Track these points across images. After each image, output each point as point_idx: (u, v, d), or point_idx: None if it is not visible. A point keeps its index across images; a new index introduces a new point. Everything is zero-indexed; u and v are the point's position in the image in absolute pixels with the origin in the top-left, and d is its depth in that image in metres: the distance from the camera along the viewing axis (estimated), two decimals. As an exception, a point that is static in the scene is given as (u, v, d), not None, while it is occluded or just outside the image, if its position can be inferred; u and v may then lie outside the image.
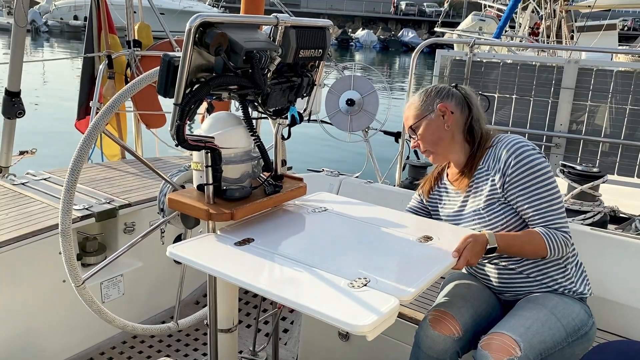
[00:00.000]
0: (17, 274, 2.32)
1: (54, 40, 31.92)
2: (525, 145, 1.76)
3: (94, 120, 1.61)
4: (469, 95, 1.90)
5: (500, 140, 1.81)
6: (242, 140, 1.62)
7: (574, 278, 1.81)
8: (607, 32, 12.38)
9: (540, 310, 1.68)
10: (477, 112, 1.88)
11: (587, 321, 1.74)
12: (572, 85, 3.56)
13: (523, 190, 1.73)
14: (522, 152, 1.73)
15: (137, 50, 3.87)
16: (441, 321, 1.69)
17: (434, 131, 1.86)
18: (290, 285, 1.30)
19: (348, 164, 5.47)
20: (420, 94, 1.92)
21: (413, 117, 1.90)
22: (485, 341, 1.59)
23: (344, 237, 1.62)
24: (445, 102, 1.86)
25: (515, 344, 1.54)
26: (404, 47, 40.95)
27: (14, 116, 3.15)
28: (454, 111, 1.86)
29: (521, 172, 1.72)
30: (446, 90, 1.89)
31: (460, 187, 1.90)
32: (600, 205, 3.06)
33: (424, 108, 1.88)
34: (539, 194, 1.72)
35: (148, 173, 3.22)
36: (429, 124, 1.86)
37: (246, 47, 1.36)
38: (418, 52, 3.58)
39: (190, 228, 1.82)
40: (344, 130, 4.25)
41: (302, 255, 1.45)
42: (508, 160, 1.74)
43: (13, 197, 2.72)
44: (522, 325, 1.61)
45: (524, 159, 1.72)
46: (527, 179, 1.72)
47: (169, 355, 2.67)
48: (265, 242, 1.52)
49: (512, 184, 1.74)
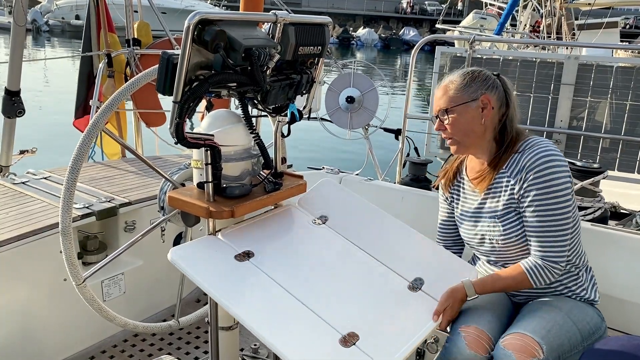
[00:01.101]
0: (18, 272, 2.32)
1: (55, 39, 31.92)
2: (552, 158, 1.64)
3: (94, 119, 1.61)
4: (509, 91, 1.77)
5: (528, 145, 1.70)
6: (242, 138, 1.62)
7: (585, 284, 1.80)
8: (608, 30, 12.34)
9: (558, 313, 1.66)
10: (513, 111, 1.76)
11: (600, 325, 1.74)
12: (573, 82, 3.55)
13: (533, 212, 1.66)
14: (546, 167, 1.63)
15: (136, 48, 3.86)
16: (477, 340, 1.62)
17: (469, 121, 1.73)
18: (283, 329, 1.35)
19: (348, 162, 5.46)
20: (465, 75, 1.75)
21: (450, 99, 1.73)
22: (507, 340, 1.56)
23: (340, 272, 1.63)
24: (490, 94, 1.72)
25: (538, 345, 1.52)
26: (405, 45, 40.89)
27: (14, 115, 3.15)
28: (494, 106, 1.73)
29: (538, 190, 1.64)
30: (492, 80, 1.74)
31: (479, 187, 1.81)
32: (601, 201, 3.06)
33: (467, 93, 1.72)
34: (547, 224, 1.65)
35: (148, 171, 3.22)
36: (466, 112, 1.72)
37: (245, 45, 1.36)
38: (418, 49, 3.58)
39: (190, 226, 1.82)
40: (344, 128, 4.24)
41: (299, 290, 1.48)
42: (529, 173, 1.65)
43: (13, 196, 2.72)
44: (543, 327, 1.59)
45: (545, 176, 1.63)
46: (541, 200, 1.64)
47: (170, 353, 2.68)
48: (264, 260, 1.53)
49: (526, 199, 1.67)
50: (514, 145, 1.73)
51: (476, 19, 17.84)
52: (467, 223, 1.86)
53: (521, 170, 1.67)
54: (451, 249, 1.98)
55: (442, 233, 2.01)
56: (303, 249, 1.67)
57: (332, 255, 1.70)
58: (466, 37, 3.82)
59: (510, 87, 1.78)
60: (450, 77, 1.78)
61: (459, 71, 1.78)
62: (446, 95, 1.74)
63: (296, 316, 1.40)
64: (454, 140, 1.78)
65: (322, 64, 1.77)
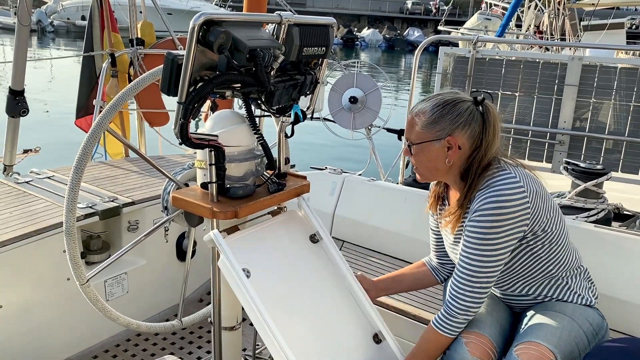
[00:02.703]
0: (22, 272, 2.33)
1: (61, 40, 31.95)
2: (497, 206, 1.53)
3: (98, 119, 1.61)
4: (489, 125, 1.62)
5: (488, 186, 1.59)
6: (246, 139, 1.62)
7: (576, 289, 1.76)
8: (614, 30, 12.28)
9: (563, 317, 1.65)
10: (487, 148, 1.62)
11: (602, 324, 1.72)
12: (576, 82, 3.54)
13: (461, 255, 1.62)
14: (486, 222, 1.55)
15: (140, 48, 3.87)
16: (480, 346, 1.60)
17: (432, 159, 1.65)
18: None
19: (351, 162, 5.47)
20: (434, 110, 1.62)
21: (415, 134, 1.66)
22: (521, 350, 1.53)
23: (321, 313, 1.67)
24: (458, 134, 1.60)
25: (552, 354, 1.50)
26: (409, 46, 40.86)
27: (18, 115, 3.16)
28: (462, 146, 1.61)
29: (467, 237, 1.60)
30: (466, 116, 1.60)
31: (449, 229, 1.76)
32: (604, 203, 3.05)
33: (432, 131, 1.62)
34: (464, 273, 1.60)
35: (152, 171, 3.22)
36: (429, 151, 1.64)
37: (249, 45, 1.36)
38: (421, 49, 3.57)
39: (194, 226, 1.82)
40: (347, 128, 4.24)
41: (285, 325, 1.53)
42: (472, 215, 1.59)
43: (17, 196, 2.73)
44: (553, 334, 1.57)
45: (479, 224, 1.56)
46: (468, 247, 1.60)
47: (173, 352, 2.68)
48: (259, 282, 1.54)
49: (463, 238, 1.63)
50: (475, 185, 1.62)
51: (480, 20, 17.81)
52: (450, 249, 1.85)
53: (471, 210, 1.61)
54: (445, 266, 1.98)
55: (437, 249, 1.98)
56: (297, 271, 1.69)
57: (317, 295, 1.72)
58: (470, 37, 3.81)
59: (494, 117, 1.63)
60: (421, 106, 1.66)
61: (432, 100, 1.65)
62: (413, 129, 1.66)
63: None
64: (418, 170, 1.73)
65: (326, 64, 1.77)
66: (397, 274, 2.02)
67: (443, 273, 1.99)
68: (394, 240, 2.77)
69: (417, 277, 2.01)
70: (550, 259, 1.71)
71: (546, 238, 1.66)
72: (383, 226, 2.82)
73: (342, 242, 2.93)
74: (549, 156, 3.74)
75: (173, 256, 3.02)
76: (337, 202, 3.00)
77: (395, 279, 2.00)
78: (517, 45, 8.26)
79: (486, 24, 16.93)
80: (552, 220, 1.67)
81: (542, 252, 1.68)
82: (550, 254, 1.70)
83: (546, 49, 6.59)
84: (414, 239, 2.67)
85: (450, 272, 1.99)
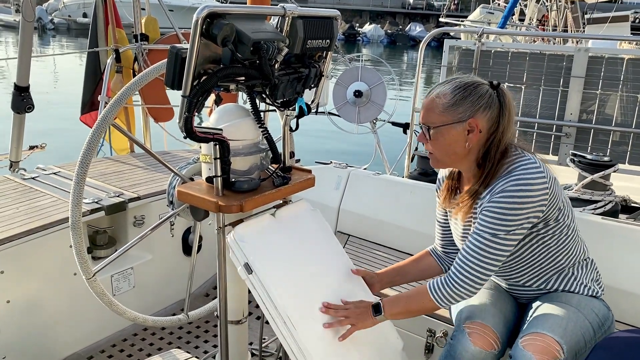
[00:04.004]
0: (29, 267, 2.34)
1: (62, 37, 31.98)
2: (521, 189, 1.53)
3: (103, 114, 1.61)
4: (505, 109, 1.61)
5: (506, 171, 1.58)
6: (251, 132, 1.62)
7: (582, 279, 1.76)
8: (619, 24, 12.21)
9: (569, 308, 1.64)
10: (503, 132, 1.61)
11: (608, 314, 1.72)
12: (582, 74, 3.52)
13: (476, 228, 1.60)
14: (507, 201, 1.54)
15: (144, 44, 3.87)
16: (482, 336, 1.59)
17: (451, 143, 1.61)
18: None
19: (356, 156, 5.46)
20: (455, 92, 1.59)
21: (435, 117, 1.61)
22: (527, 341, 1.52)
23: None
24: (479, 117, 1.58)
25: (558, 345, 1.50)
26: (411, 41, 40.65)
27: (23, 111, 3.16)
28: (482, 129, 1.60)
29: (485, 216, 1.57)
30: (486, 99, 1.59)
31: (459, 216, 1.74)
32: (611, 195, 3.03)
33: (454, 113, 1.59)
34: (476, 250, 1.58)
35: (157, 166, 3.23)
36: (450, 134, 1.60)
37: (253, 38, 1.36)
38: (426, 42, 3.55)
39: (199, 220, 1.82)
40: (352, 122, 4.23)
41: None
42: (493, 200, 1.57)
43: (24, 192, 2.74)
44: (559, 325, 1.56)
45: (500, 207, 1.54)
46: (485, 226, 1.57)
47: (179, 347, 2.69)
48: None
49: (479, 215, 1.61)
50: (495, 171, 1.61)
51: (483, 14, 17.72)
52: (459, 239, 1.83)
53: (494, 193, 1.59)
54: (450, 255, 1.98)
55: (442, 238, 1.97)
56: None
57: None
58: (475, 29, 3.79)
59: (509, 100, 1.63)
60: (440, 88, 1.63)
61: (452, 83, 1.62)
62: (432, 112, 1.62)
63: None
64: (433, 156, 1.69)
65: (330, 57, 1.76)
66: (401, 265, 2.01)
67: (448, 262, 1.98)
68: (400, 234, 2.77)
69: (422, 268, 2.00)
70: (560, 250, 1.70)
71: (557, 228, 1.66)
72: (389, 220, 2.82)
73: (348, 236, 2.92)
74: (555, 148, 3.72)
75: (179, 251, 3.03)
76: (342, 196, 2.99)
77: (400, 271, 1.99)
78: (520, 38, 8.20)
79: (489, 18, 16.84)
80: (563, 211, 1.66)
81: (552, 242, 1.68)
82: (560, 244, 1.69)
83: (549, 42, 6.54)
84: (420, 232, 2.66)
85: None
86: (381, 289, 1.95)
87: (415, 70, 3.80)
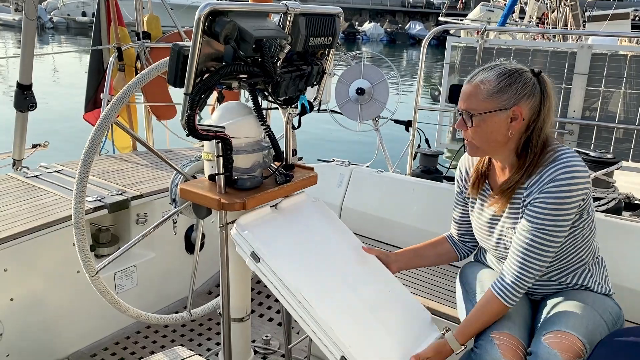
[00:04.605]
0: (32, 265, 2.34)
1: (61, 36, 31.95)
2: (571, 176, 1.53)
3: (105, 112, 1.62)
4: (547, 98, 1.60)
5: (551, 159, 1.58)
6: (253, 130, 1.62)
7: (597, 278, 1.77)
8: (620, 21, 12.17)
9: (585, 307, 1.63)
10: (545, 120, 1.60)
11: (619, 314, 1.72)
12: (586, 71, 3.51)
13: (528, 227, 1.59)
14: (565, 188, 1.53)
15: (146, 42, 3.87)
16: (512, 348, 1.55)
17: (494, 130, 1.59)
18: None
19: (359, 154, 5.45)
20: (501, 78, 1.57)
21: (479, 103, 1.58)
22: (550, 339, 1.51)
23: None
24: (523, 104, 1.57)
25: (582, 344, 1.49)
26: (411, 39, 40.51)
27: (26, 109, 3.16)
28: (525, 117, 1.58)
29: (541, 209, 1.56)
30: (530, 87, 1.57)
31: (496, 207, 1.72)
32: (615, 192, 3.03)
33: (499, 100, 1.56)
34: (535, 244, 1.58)
35: (159, 164, 3.23)
36: (493, 121, 1.58)
37: (256, 36, 1.36)
38: (429, 39, 3.55)
39: (202, 218, 1.82)
40: (354, 120, 4.22)
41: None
42: (545, 190, 1.55)
43: (27, 190, 2.74)
44: (581, 324, 1.55)
45: (559, 196, 1.54)
46: (541, 220, 1.56)
47: (182, 344, 2.69)
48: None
49: (529, 209, 1.60)
50: (537, 160, 1.60)
51: (483, 12, 17.66)
52: (483, 228, 1.82)
53: (541, 182, 1.57)
54: (466, 244, 1.97)
55: (459, 227, 1.96)
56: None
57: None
58: (478, 27, 3.78)
59: (550, 89, 1.61)
60: (484, 74, 1.60)
61: (495, 69, 1.60)
62: (475, 98, 1.59)
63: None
64: (472, 144, 1.65)
65: (332, 55, 1.76)
66: (418, 247, 1.97)
67: (463, 250, 1.97)
68: (403, 231, 2.77)
69: (439, 253, 1.98)
70: (584, 244, 1.71)
71: (585, 222, 1.67)
72: (391, 218, 2.81)
73: None
74: None
75: (182, 248, 3.03)
76: (344, 194, 2.99)
77: (418, 254, 1.96)
78: (519, 36, 8.17)
79: (489, 16, 16.78)
80: (591, 205, 1.68)
81: (579, 235, 1.68)
82: (584, 238, 1.70)
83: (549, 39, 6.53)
84: (423, 229, 2.66)
85: (471, 249, 1.98)
86: (399, 270, 1.91)
87: (414, 68, 3.79)
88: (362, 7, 51.36)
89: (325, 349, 1.45)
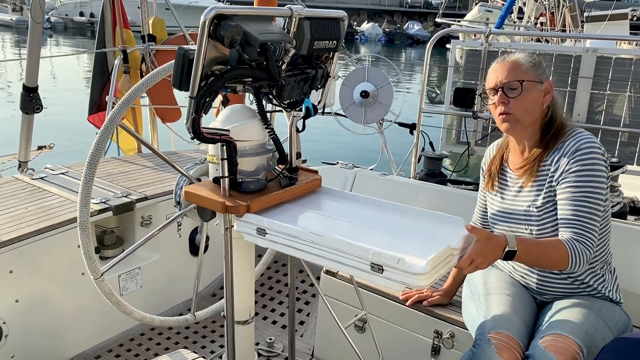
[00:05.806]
0: (37, 266, 2.35)
1: (58, 37, 31.95)
2: (595, 149, 1.65)
3: (110, 114, 1.62)
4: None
5: (574, 133, 1.70)
6: (257, 133, 1.62)
7: (609, 285, 1.77)
8: (617, 21, 12.13)
9: (590, 313, 1.64)
10: (556, 104, 1.79)
11: (628, 323, 1.72)
12: (590, 75, 3.50)
13: (573, 187, 1.64)
14: (591, 154, 1.64)
15: (151, 44, 3.89)
16: (509, 349, 1.56)
17: (533, 101, 1.71)
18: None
19: (363, 157, 5.45)
20: (533, 55, 1.76)
21: (523, 73, 1.71)
22: (547, 342, 1.51)
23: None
24: (550, 82, 1.77)
25: (579, 349, 1.49)
26: (409, 39, 40.48)
27: (32, 111, 3.18)
28: (552, 94, 1.77)
29: (580, 172, 1.63)
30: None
31: (525, 177, 1.77)
32: (620, 196, 3.02)
33: (536, 73, 1.73)
34: (585, 200, 1.62)
35: (164, 167, 3.24)
36: (533, 91, 1.71)
37: (260, 39, 1.36)
38: (433, 43, 3.54)
39: (206, 221, 1.82)
40: (359, 123, 4.23)
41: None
42: (574, 159, 1.64)
43: (32, 192, 2.76)
44: (580, 329, 1.56)
45: (589, 160, 1.63)
46: (582, 178, 1.63)
47: (186, 346, 2.70)
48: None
49: (566, 181, 1.65)
50: (559, 134, 1.73)
51: (481, 12, 17.61)
52: (501, 223, 1.83)
53: (565, 155, 1.67)
54: None
55: (481, 214, 1.99)
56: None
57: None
58: (482, 29, 3.78)
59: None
60: (515, 55, 1.76)
61: (521, 52, 1.78)
62: (519, 69, 1.72)
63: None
64: (511, 117, 1.72)
65: (337, 58, 1.77)
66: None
67: None
68: None
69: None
70: (601, 241, 1.74)
71: (605, 216, 1.71)
72: None
73: None
74: None
75: (186, 251, 3.04)
76: None
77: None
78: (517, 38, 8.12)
79: (487, 16, 16.73)
80: (608, 198, 1.72)
81: (599, 232, 1.70)
82: (601, 238, 1.73)
83: (546, 41, 6.49)
84: None
85: None
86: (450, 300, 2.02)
87: (413, 68, 3.79)
88: (360, 7, 51.33)
89: (350, 269, 1.37)
